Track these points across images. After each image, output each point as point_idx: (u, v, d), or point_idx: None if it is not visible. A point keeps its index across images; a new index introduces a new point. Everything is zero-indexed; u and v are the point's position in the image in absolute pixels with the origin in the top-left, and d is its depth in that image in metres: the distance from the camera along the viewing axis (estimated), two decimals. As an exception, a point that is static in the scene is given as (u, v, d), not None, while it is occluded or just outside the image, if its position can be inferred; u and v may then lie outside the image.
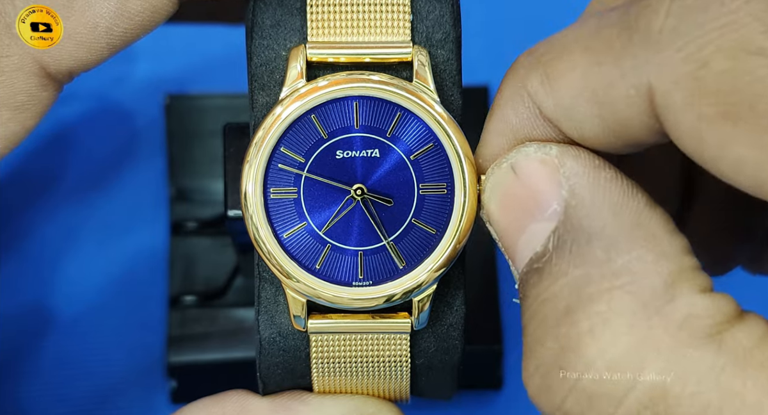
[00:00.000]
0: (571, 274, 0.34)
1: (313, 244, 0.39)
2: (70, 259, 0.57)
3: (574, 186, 0.35)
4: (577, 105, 0.36)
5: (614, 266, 0.34)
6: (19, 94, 0.40)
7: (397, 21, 0.39)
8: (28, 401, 0.55)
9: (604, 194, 0.35)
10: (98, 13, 0.40)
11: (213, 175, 0.57)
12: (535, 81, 0.36)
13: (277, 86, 0.40)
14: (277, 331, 0.40)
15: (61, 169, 0.57)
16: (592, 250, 0.34)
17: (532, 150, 0.37)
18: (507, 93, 0.37)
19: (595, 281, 0.34)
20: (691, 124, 0.33)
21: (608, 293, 0.34)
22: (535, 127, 0.37)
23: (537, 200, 0.36)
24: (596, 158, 0.36)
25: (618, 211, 0.35)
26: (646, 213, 0.35)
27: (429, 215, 0.39)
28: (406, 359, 0.40)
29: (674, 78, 0.33)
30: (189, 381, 0.54)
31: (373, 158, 0.39)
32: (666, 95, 0.33)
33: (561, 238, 0.35)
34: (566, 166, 0.36)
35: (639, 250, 0.34)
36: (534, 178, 0.36)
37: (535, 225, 0.36)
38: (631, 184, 0.35)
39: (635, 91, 0.34)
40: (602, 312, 0.33)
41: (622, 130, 0.35)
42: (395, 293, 0.39)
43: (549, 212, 0.35)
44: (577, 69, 0.35)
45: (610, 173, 0.36)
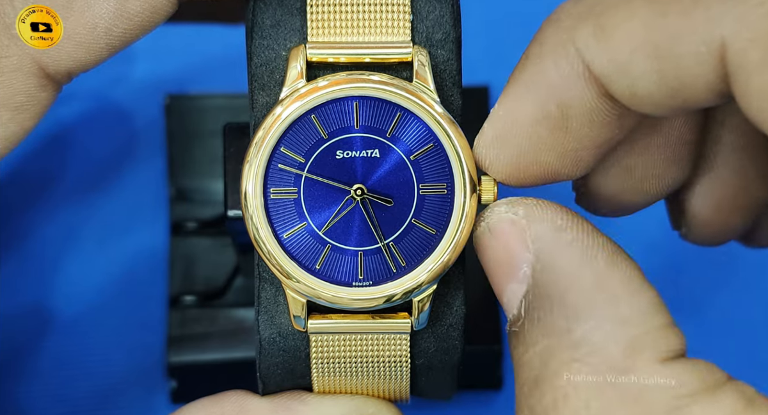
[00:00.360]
0: (540, 343, 0.34)
1: (313, 244, 0.39)
2: (70, 259, 0.57)
3: (538, 250, 0.35)
4: (636, 60, 0.33)
5: (574, 336, 0.33)
6: (18, 94, 0.40)
7: (397, 21, 0.39)
8: (28, 401, 0.55)
9: (565, 258, 0.34)
10: (97, 13, 0.40)
11: (213, 176, 0.57)
12: (586, 33, 0.34)
13: (277, 86, 0.40)
14: (277, 331, 0.40)
15: (60, 170, 0.57)
16: (554, 319, 0.34)
17: (503, 210, 0.36)
18: (549, 45, 0.35)
19: (557, 352, 0.33)
20: (765, 85, 0.31)
21: (568, 366, 0.33)
22: (575, 88, 0.35)
23: (510, 262, 0.35)
24: (561, 218, 0.35)
25: (577, 275, 0.34)
26: (606, 274, 0.34)
27: (429, 215, 0.39)
28: (406, 359, 0.40)
29: (752, 34, 0.31)
30: (189, 381, 0.54)
31: (373, 158, 0.39)
32: (741, 53, 0.31)
33: (531, 304, 0.35)
34: (531, 228, 0.35)
35: (597, 318, 0.33)
36: (507, 238, 0.36)
37: (511, 286, 0.35)
38: (593, 244, 0.34)
39: (706, 48, 0.32)
40: (562, 386, 0.33)
41: (682, 90, 0.33)
42: (395, 293, 0.39)
43: (520, 275, 0.35)
44: (637, 19, 0.33)
45: (571, 234, 0.35)
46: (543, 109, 0.36)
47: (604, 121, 0.36)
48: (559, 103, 0.36)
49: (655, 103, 0.34)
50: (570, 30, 0.35)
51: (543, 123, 0.37)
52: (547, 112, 0.36)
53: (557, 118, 0.36)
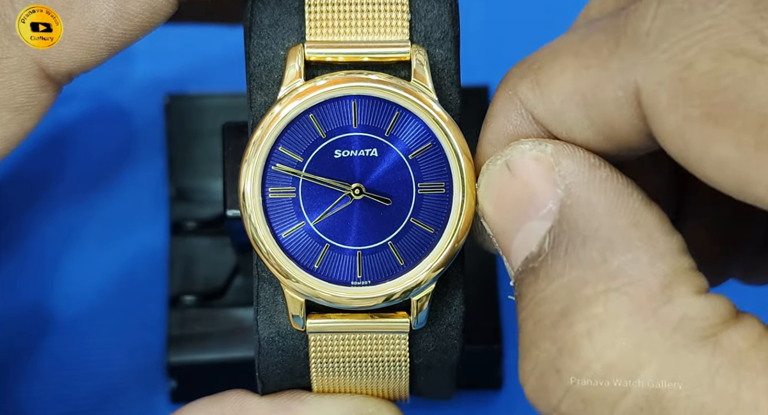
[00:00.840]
0: (567, 275, 0.34)
1: (311, 243, 0.39)
2: (70, 259, 0.57)
3: (570, 185, 0.35)
4: (567, 109, 0.36)
5: (610, 267, 0.34)
6: (18, 95, 0.40)
7: (395, 20, 0.39)
8: (28, 401, 0.55)
9: (600, 194, 0.35)
10: (97, 14, 0.40)
11: (212, 175, 0.57)
12: (526, 87, 0.37)
13: (276, 86, 0.40)
14: (276, 331, 0.40)
15: (60, 170, 0.57)
16: (587, 251, 0.34)
17: (527, 147, 0.36)
18: (499, 102, 0.38)
19: (591, 282, 0.34)
20: (676, 124, 0.33)
21: (604, 295, 0.34)
22: (529, 133, 0.37)
23: (532, 199, 0.36)
24: (592, 156, 0.36)
25: (613, 211, 0.35)
26: (641, 212, 0.35)
27: (427, 215, 0.39)
28: (405, 358, 0.40)
29: (659, 79, 0.33)
30: (189, 381, 0.54)
31: (372, 158, 0.39)
32: (651, 95, 0.33)
33: (557, 238, 0.35)
34: (561, 164, 0.36)
35: (635, 251, 0.34)
36: (529, 176, 0.36)
37: (531, 224, 0.36)
38: (627, 183, 0.35)
39: (623, 92, 0.34)
40: (598, 314, 0.33)
41: (612, 132, 0.35)
42: (394, 293, 0.39)
43: (544, 211, 0.35)
44: (566, 73, 0.36)
45: (605, 172, 0.35)
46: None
47: None
48: None
49: (593, 147, 0.36)
50: (513, 86, 0.37)
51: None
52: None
53: None
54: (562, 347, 0.34)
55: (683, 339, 0.33)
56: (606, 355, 0.33)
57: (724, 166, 0.32)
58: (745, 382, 0.32)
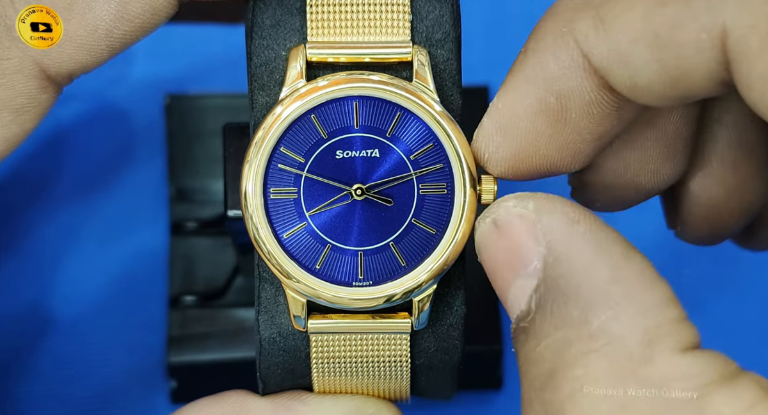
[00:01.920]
0: (553, 336, 0.34)
1: (313, 244, 0.39)
2: (70, 259, 0.57)
3: (550, 243, 0.34)
4: (636, 50, 0.33)
5: (591, 327, 0.33)
6: (19, 96, 0.40)
7: (396, 21, 0.39)
8: (28, 401, 0.55)
9: (579, 250, 0.34)
10: (98, 15, 0.40)
11: (213, 176, 0.57)
12: (586, 24, 0.34)
13: (277, 86, 0.40)
14: (277, 331, 0.40)
15: (60, 170, 0.57)
16: (569, 311, 0.33)
17: (511, 204, 0.36)
18: (549, 37, 0.35)
19: (573, 343, 0.33)
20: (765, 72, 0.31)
21: (585, 357, 0.33)
22: (574, 79, 0.35)
23: (519, 256, 0.35)
24: (572, 210, 0.35)
25: (592, 268, 0.34)
26: (621, 266, 0.34)
27: (429, 215, 0.39)
28: (406, 359, 0.40)
29: (753, 21, 0.31)
30: (189, 381, 0.54)
31: (373, 158, 0.39)
32: (742, 40, 0.31)
33: (542, 297, 0.34)
34: (542, 221, 0.35)
35: (614, 308, 0.33)
36: (515, 233, 0.35)
37: (519, 281, 0.35)
38: (607, 236, 0.34)
39: (706, 35, 0.32)
40: (580, 377, 0.33)
41: (683, 79, 0.33)
42: (395, 293, 0.39)
43: (530, 269, 0.35)
44: (636, 9, 0.33)
45: (584, 226, 0.34)
46: (542, 101, 0.36)
47: (603, 114, 0.36)
48: (558, 95, 0.36)
49: (655, 93, 0.34)
50: (569, 22, 0.35)
51: (542, 115, 0.37)
52: (546, 104, 0.36)
53: (556, 111, 0.36)
54: (549, 410, 0.33)
55: (665, 402, 0.31)
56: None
57: None
58: None
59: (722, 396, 0.31)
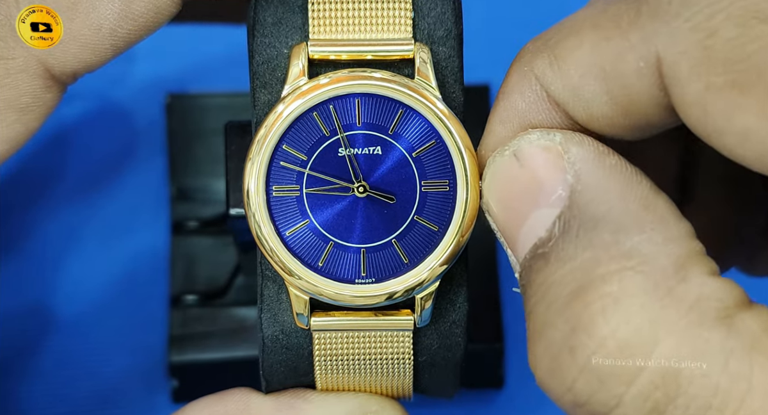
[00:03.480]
0: (580, 257, 0.34)
1: (315, 241, 0.39)
2: (72, 259, 0.56)
3: (579, 171, 0.35)
4: (586, 83, 0.35)
5: (623, 247, 0.34)
6: (23, 95, 0.40)
7: (398, 18, 0.39)
8: (29, 400, 0.55)
9: (610, 179, 0.35)
10: (102, 14, 0.40)
11: (214, 175, 0.57)
12: (543, 63, 0.36)
13: (279, 84, 0.40)
14: (280, 329, 0.40)
15: (62, 169, 0.57)
16: (599, 233, 0.34)
17: (535, 137, 0.36)
18: (514, 78, 0.37)
19: (604, 262, 0.34)
20: (698, 94, 0.32)
21: (618, 274, 0.33)
22: (541, 112, 0.37)
23: (541, 186, 0.35)
24: (601, 145, 0.36)
25: (624, 195, 0.35)
26: (651, 198, 0.35)
27: (431, 212, 0.39)
28: (409, 356, 0.40)
29: (682, 47, 0.33)
30: (190, 381, 0.54)
31: (375, 155, 0.39)
32: (673, 65, 0.33)
33: (567, 223, 0.35)
34: (571, 152, 0.35)
35: (648, 232, 0.34)
36: (538, 164, 0.36)
37: (539, 211, 0.35)
38: (636, 170, 0.35)
39: (644, 63, 0.34)
40: (613, 292, 0.33)
41: (631, 106, 0.35)
42: (397, 291, 0.39)
43: (553, 198, 0.35)
44: (584, 46, 0.35)
45: (614, 159, 0.35)
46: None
47: None
48: (532, 128, 0.37)
49: (612, 124, 0.36)
50: (529, 63, 0.37)
51: None
52: None
53: None
54: (576, 325, 0.33)
55: (699, 318, 0.32)
56: (621, 332, 0.33)
57: (747, 137, 0.32)
58: (758, 365, 0.32)
59: (749, 315, 0.33)
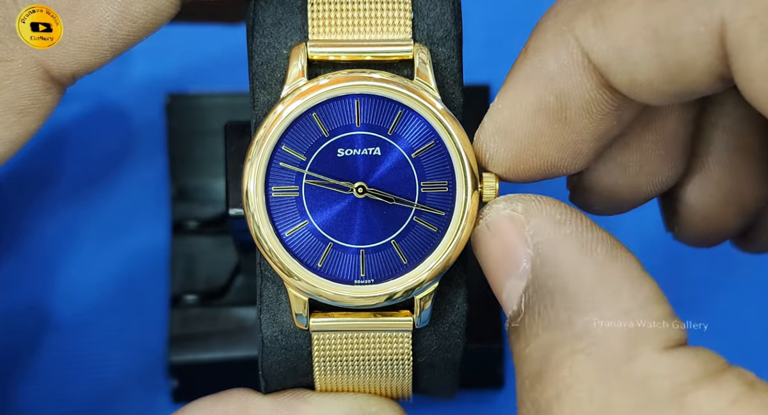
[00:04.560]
0: (541, 336, 0.34)
1: (314, 242, 0.39)
2: (71, 258, 0.56)
3: (538, 244, 0.35)
4: (635, 46, 0.33)
5: (575, 328, 0.33)
6: (23, 97, 0.40)
7: (398, 19, 0.39)
8: (28, 400, 0.55)
9: (565, 251, 0.34)
10: (102, 16, 0.40)
11: (214, 174, 0.57)
12: (585, 22, 0.34)
13: (279, 85, 0.40)
14: (279, 329, 0.40)
15: (61, 169, 0.57)
16: (556, 312, 0.34)
17: (501, 207, 0.36)
18: (549, 36, 0.35)
19: (559, 345, 0.34)
20: (766, 63, 0.31)
21: (570, 358, 0.33)
22: (572, 76, 0.36)
23: (509, 258, 0.36)
24: (559, 211, 0.35)
25: (578, 268, 0.34)
26: (607, 266, 0.34)
27: (430, 213, 0.39)
28: (408, 357, 0.40)
29: (752, 12, 0.31)
30: (190, 381, 0.54)
31: (375, 156, 0.39)
32: (740, 31, 0.31)
33: (531, 298, 0.35)
34: (531, 223, 0.35)
35: (599, 309, 0.33)
36: (506, 235, 0.36)
37: (511, 282, 0.36)
38: (592, 237, 0.35)
39: (704, 28, 0.32)
40: (565, 378, 0.33)
41: (681, 73, 0.33)
42: (396, 291, 0.39)
43: (520, 270, 0.35)
44: (635, 5, 0.33)
45: (570, 228, 0.35)
46: (542, 100, 0.36)
47: (602, 113, 0.36)
48: (558, 94, 0.36)
49: (654, 90, 0.34)
50: (569, 20, 0.35)
51: (542, 115, 0.37)
52: (546, 103, 0.37)
53: (556, 110, 0.37)
54: (538, 409, 0.34)
55: (647, 399, 0.32)
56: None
57: None
58: None
59: (705, 393, 0.32)
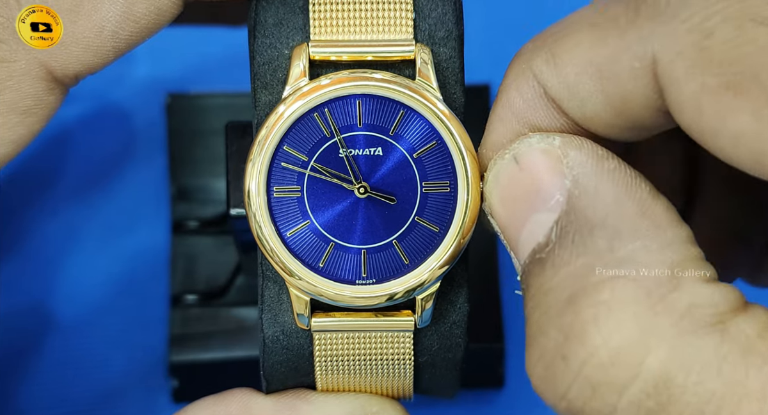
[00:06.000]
0: (574, 264, 0.34)
1: (316, 242, 0.39)
2: (72, 258, 0.57)
3: (577, 176, 0.35)
4: (581, 81, 0.35)
5: (617, 255, 0.34)
6: (26, 98, 0.40)
7: (399, 19, 0.39)
8: (28, 400, 0.55)
9: (608, 184, 0.35)
10: (104, 16, 0.40)
11: (214, 174, 0.57)
12: (540, 60, 0.36)
13: (280, 85, 0.40)
14: (281, 329, 0.40)
15: (62, 169, 0.58)
16: (594, 240, 0.34)
17: (534, 140, 0.36)
18: (512, 75, 0.37)
19: (598, 270, 0.34)
20: (693, 94, 0.32)
21: (611, 282, 0.33)
22: (539, 110, 0.37)
23: (540, 191, 0.36)
24: (600, 148, 0.36)
25: (621, 201, 0.35)
26: (649, 203, 0.35)
27: (432, 213, 0.39)
28: (410, 356, 0.40)
29: (678, 48, 0.33)
30: (190, 381, 0.54)
31: (376, 156, 0.39)
32: (669, 65, 0.33)
33: (564, 228, 0.35)
34: (569, 156, 0.35)
35: (643, 239, 0.34)
36: (537, 168, 0.36)
37: (538, 216, 0.35)
38: (634, 174, 0.35)
39: (639, 63, 0.34)
40: (606, 301, 0.33)
41: (625, 107, 0.35)
42: (397, 291, 0.39)
43: (552, 203, 0.35)
44: (582, 45, 0.35)
45: (613, 163, 0.35)
46: (518, 135, 0.37)
47: None
48: (530, 127, 0.37)
49: (604, 123, 0.36)
50: (528, 60, 0.37)
51: None
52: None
53: None
54: (569, 333, 0.33)
55: (691, 326, 0.32)
56: (613, 340, 0.33)
57: (740, 139, 0.32)
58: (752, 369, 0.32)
59: (744, 320, 0.33)
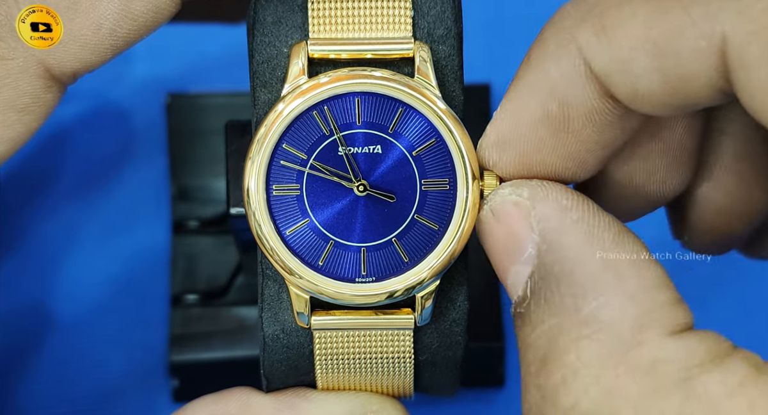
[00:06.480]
0: (547, 322, 0.34)
1: (315, 240, 0.39)
2: (71, 258, 0.57)
3: (544, 230, 0.35)
4: (636, 58, 0.33)
5: (581, 314, 0.34)
6: (24, 96, 0.40)
7: (398, 17, 0.39)
8: (28, 400, 0.55)
9: (571, 238, 0.34)
10: (102, 14, 0.40)
11: (214, 174, 0.57)
12: (588, 32, 0.34)
13: (279, 83, 0.40)
14: (281, 328, 0.40)
15: (62, 169, 0.58)
16: (562, 298, 0.34)
17: (506, 192, 0.36)
18: (552, 45, 0.35)
19: (565, 330, 0.34)
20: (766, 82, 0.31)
21: (576, 343, 0.33)
22: (574, 85, 0.35)
23: (515, 244, 0.36)
24: (565, 198, 0.35)
25: (584, 255, 0.34)
26: (613, 253, 0.34)
27: (431, 211, 0.39)
28: (410, 355, 0.40)
29: (753, 28, 0.31)
30: (191, 380, 0.54)
31: (375, 154, 0.39)
32: (741, 47, 0.31)
33: (536, 284, 0.35)
34: (536, 209, 0.35)
35: (605, 295, 0.34)
36: (511, 220, 0.36)
37: (517, 268, 0.36)
38: (599, 221, 0.35)
39: (706, 42, 0.32)
40: (571, 363, 0.33)
41: (682, 87, 0.33)
42: (397, 289, 0.39)
43: (525, 256, 0.35)
44: (638, 17, 0.33)
45: (577, 214, 0.35)
46: (545, 109, 0.36)
47: (605, 122, 0.36)
48: (560, 102, 0.36)
49: (655, 102, 0.34)
50: (571, 30, 0.35)
51: (545, 124, 0.37)
52: (548, 112, 0.36)
53: (559, 119, 0.36)
54: (544, 394, 0.34)
55: (654, 384, 0.32)
56: (582, 404, 0.33)
57: None
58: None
59: (712, 376, 0.32)
